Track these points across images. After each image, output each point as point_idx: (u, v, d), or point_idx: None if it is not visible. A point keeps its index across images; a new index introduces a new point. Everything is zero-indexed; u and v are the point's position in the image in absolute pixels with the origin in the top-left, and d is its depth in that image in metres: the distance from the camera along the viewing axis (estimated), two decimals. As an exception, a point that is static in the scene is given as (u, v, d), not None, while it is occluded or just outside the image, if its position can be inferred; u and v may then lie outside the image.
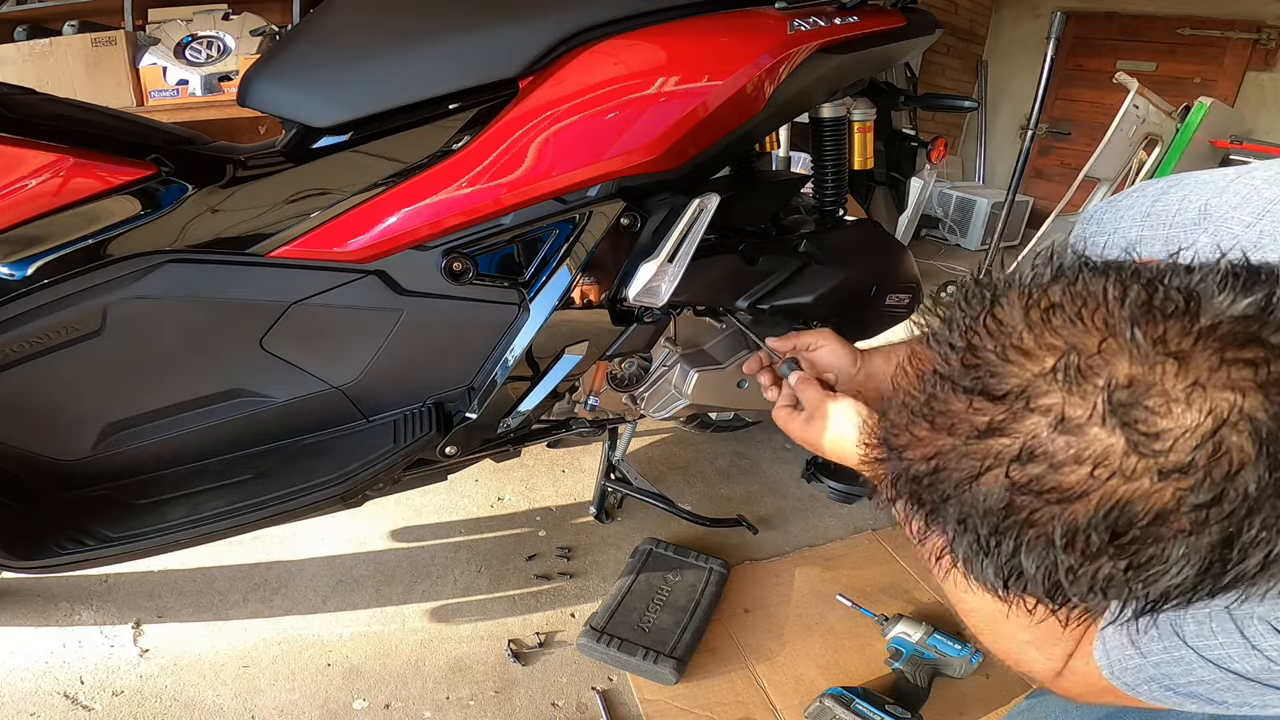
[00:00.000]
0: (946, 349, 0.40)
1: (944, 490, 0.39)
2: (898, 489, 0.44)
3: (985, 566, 0.39)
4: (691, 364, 1.15)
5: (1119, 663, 0.56)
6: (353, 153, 0.86)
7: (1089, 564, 0.35)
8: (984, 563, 0.39)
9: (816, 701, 0.96)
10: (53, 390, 0.84)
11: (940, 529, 0.42)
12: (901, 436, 0.42)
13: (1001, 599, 0.41)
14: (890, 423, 0.44)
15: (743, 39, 0.93)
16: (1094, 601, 0.39)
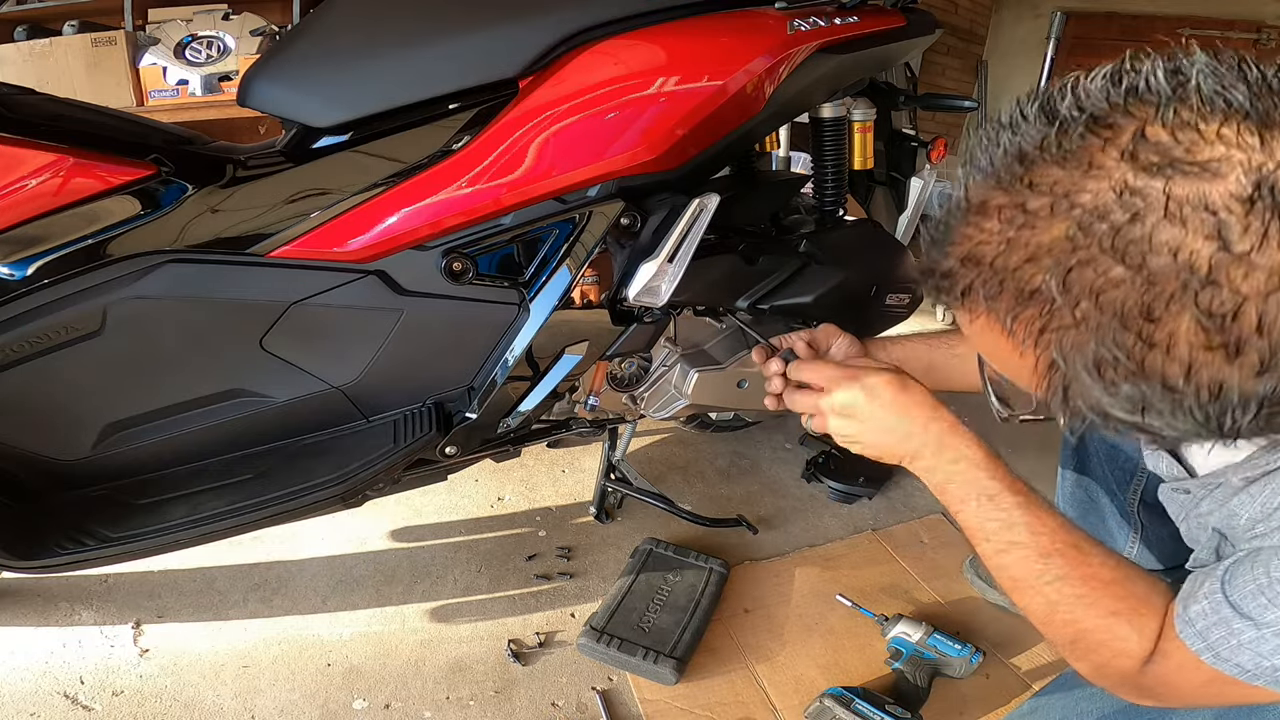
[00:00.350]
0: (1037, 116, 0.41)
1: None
2: (1001, 283, 0.43)
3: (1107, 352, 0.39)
4: (691, 364, 1.15)
5: (1223, 641, 0.52)
6: (353, 153, 0.86)
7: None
8: (1108, 347, 0.39)
9: (816, 701, 0.96)
10: (53, 390, 0.84)
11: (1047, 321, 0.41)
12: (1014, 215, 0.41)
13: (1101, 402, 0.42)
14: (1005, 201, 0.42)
15: (743, 39, 0.93)
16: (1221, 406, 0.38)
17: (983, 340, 0.48)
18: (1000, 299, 0.43)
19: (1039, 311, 0.41)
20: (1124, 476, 0.97)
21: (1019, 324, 0.43)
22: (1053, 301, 0.40)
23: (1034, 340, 0.42)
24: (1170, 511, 0.74)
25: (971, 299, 0.45)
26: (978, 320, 0.46)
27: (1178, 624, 0.55)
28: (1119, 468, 0.97)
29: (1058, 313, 0.41)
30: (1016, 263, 0.42)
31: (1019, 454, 1.67)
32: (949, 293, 0.47)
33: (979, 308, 0.45)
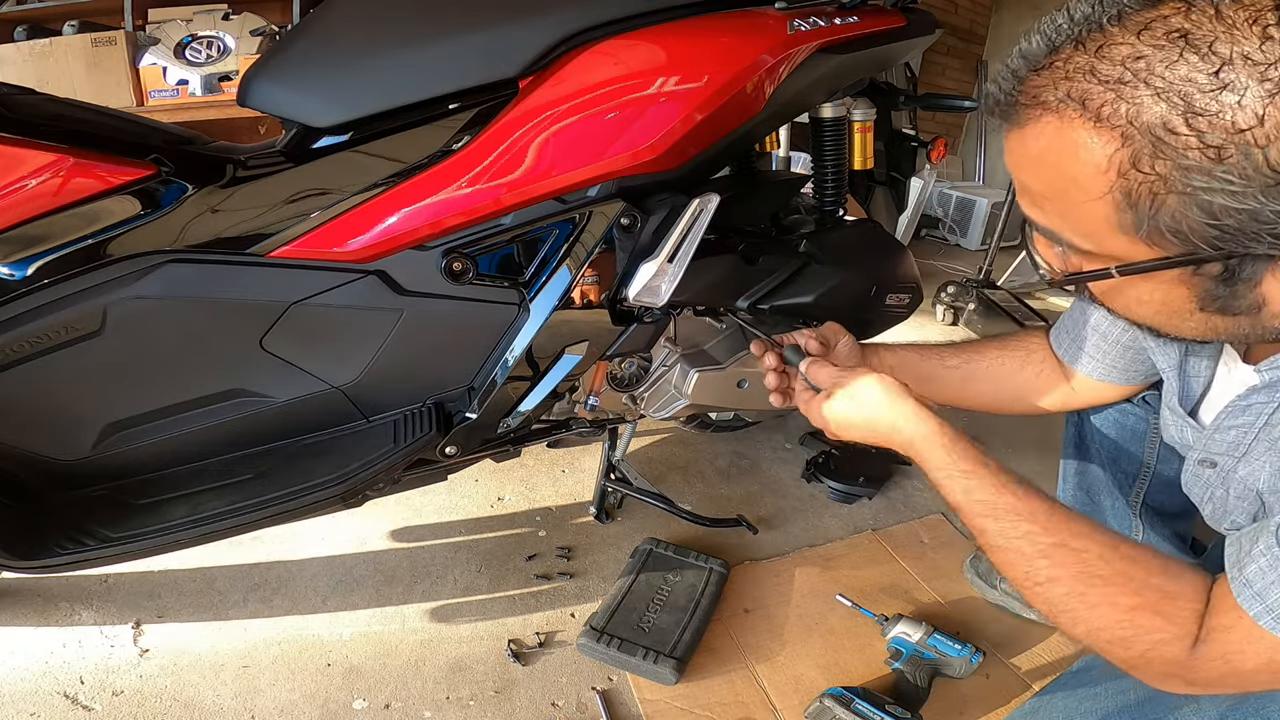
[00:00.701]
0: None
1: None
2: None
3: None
4: (691, 364, 1.15)
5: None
6: (353, 153, 0.86)
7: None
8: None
9: (816, 701, 0.96)
10: (53, 390, 0.84)
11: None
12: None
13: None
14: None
15: (743, 39, 0.93)
16: None
17: (1046, 159, 0.49)
18: (1072, 92, 0.46)
19: (1118, 93, 0.44)
20: (1127, 478, 0.97)
21: (1094, 104, 0.45)
22: (1129, 80, 0.44)
23: (1110, 115, 0.44)
24: (1194, 494, 0.72)
25: (1043, 106, 0.48)
26: (1047, 130, 0.48)
27: (1234, 588, 0.52)
28: (1121, 470, 0.97)
29: (1136, 89, 0.44)
30: (1089, 60, 0.46)
31: (1019, 454, 1.67)
32: (1024, 106, 0.49)
33: (1050, 114, 0.47)
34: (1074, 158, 0.47)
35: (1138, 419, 0.93)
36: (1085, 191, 0.48)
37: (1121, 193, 0.46)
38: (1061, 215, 0.52)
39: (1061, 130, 0.47)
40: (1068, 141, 0.47)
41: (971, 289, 2.51)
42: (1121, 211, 0.47)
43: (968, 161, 4.65)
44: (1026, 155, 0.51)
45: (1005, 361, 0.92)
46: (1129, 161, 0.45)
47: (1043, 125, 0.48)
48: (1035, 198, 0.53)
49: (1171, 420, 0.77)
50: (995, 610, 1.20)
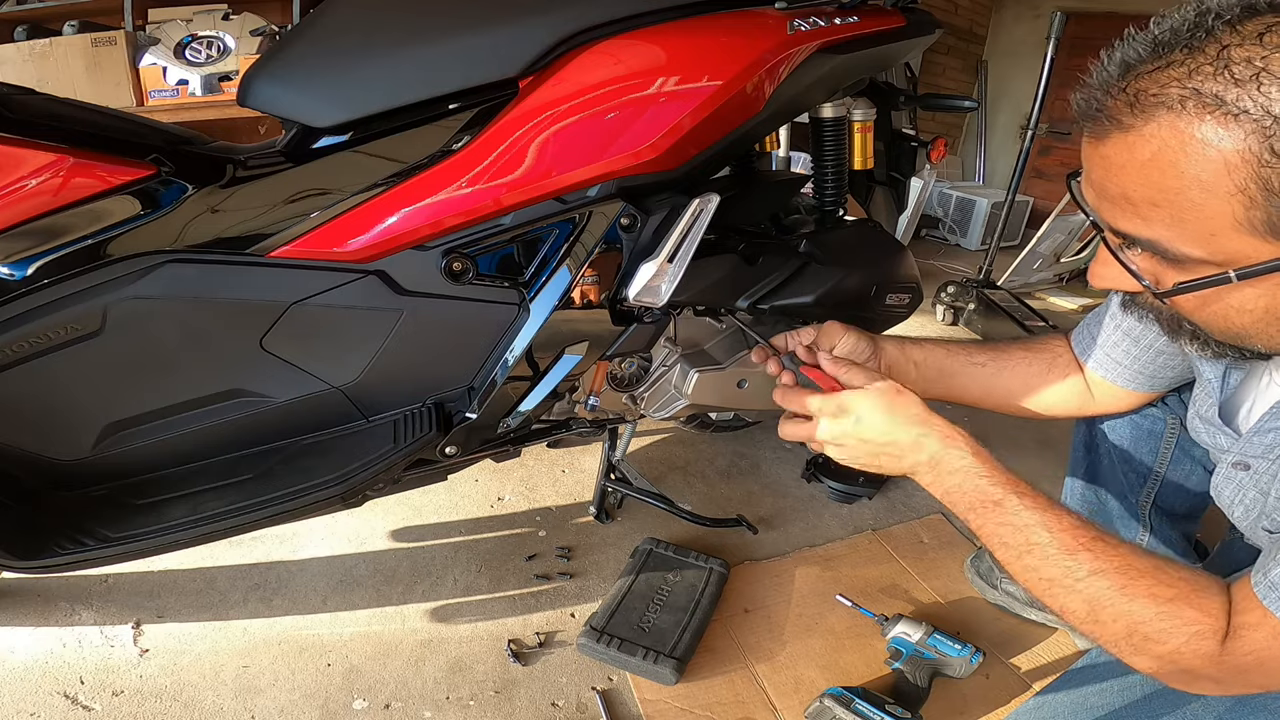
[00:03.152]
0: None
1: None
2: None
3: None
4: (691, 364, 1.15)
5: None
6: (353, 153, 0.86)
7: None
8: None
9: (816, 701, 0.96)
10: (53, 390, 0.84)
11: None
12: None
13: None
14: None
15: (743, 39, 0.93)
16: None
17: (1160, 161, 0.48)
18: (1199, 87, 0.45)
19: (1243, 89, 0.44)
20: (1137, 480, 0.97)
21: (1225, 95, 0.45)
22: (1255, 76, 0.44)
23: (1246, 104, 0.44)
24: (1224, 496, 0.71)
25: (1160, 104, 0.47)
26: (1162, 132, 0.47)
27: (1259, 591, 0.54)
28: (1132, 470, 0.97)
29: (1264, 83, 0.44)
30: (1208, 61, 0.45)
31: (1020, 454, 1.67)
32: (1131, 110, 0.48)
33: (1168, 112, 0.47)
34: (1198, 155, 0.46)
35: (1154, 419, 0.93)
36: (1210, 191, 0.47)
37: (1258, 186, 0.45)
38: (1174, 221, 0.50)
39: (1181, 129, 0.46)
40: (1190, 140, 0.46)
41: (971, 289, 2.51)
42: (1253, 210, 0.46)
43: (968, 161, 4.66)
44: (1133, 161, 0.49)
45: (1032, 363, 0.91)
46: (1269, 151, 0.44)
47: (1158, 125, 0.47)
48: (1139, 207, 0.51)
49: (1204, 428, 0.77)
50: (995, 610, 1.20)
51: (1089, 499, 1.02)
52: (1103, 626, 0.60)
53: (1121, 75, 0.49)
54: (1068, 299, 2.89)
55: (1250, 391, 0.71)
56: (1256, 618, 0.54)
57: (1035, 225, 3.25)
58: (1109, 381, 0.86)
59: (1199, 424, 0.78)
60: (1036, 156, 4.43)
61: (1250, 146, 0.44)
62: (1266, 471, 0.64)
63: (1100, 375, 0.87)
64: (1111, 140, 0.50)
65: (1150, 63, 0.48)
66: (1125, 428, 0.95)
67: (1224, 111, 0.45)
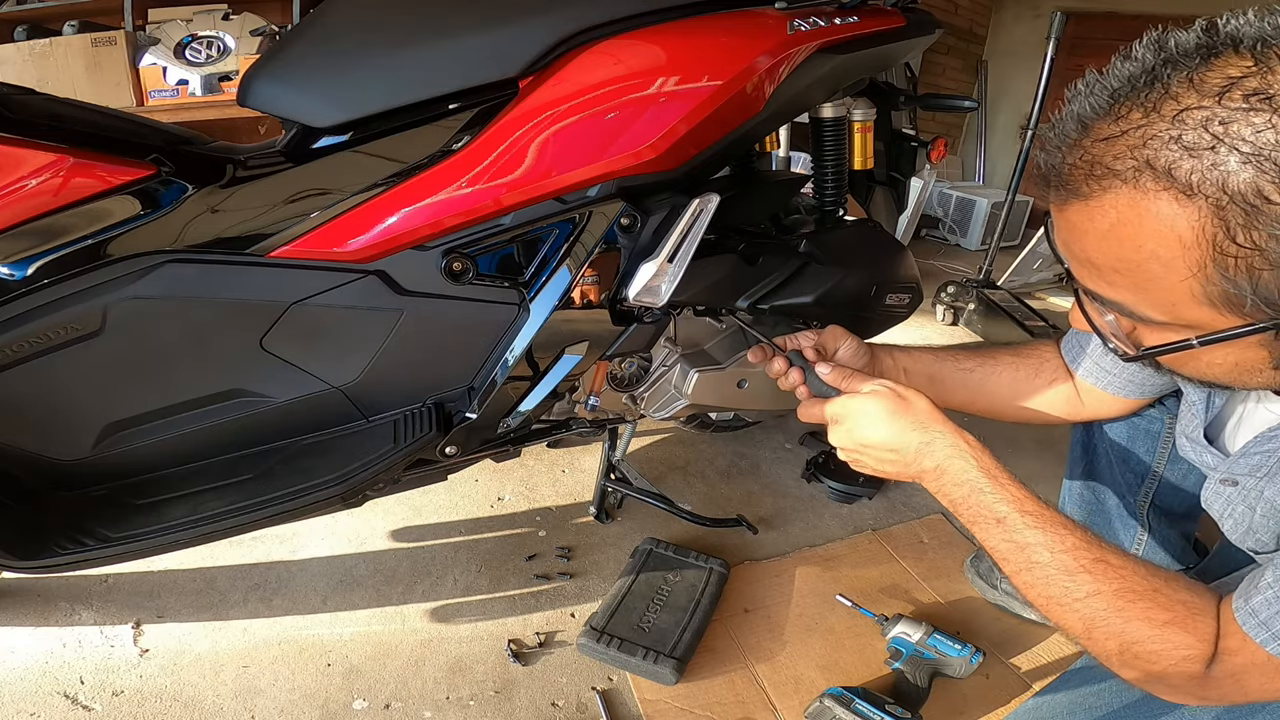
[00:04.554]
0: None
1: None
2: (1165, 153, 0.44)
3: None
4: (691, 364, 1.15)
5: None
6: (353, 153, 0.86)
7: None
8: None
9: (816, 701, 0.96)
10: (53, 390, 0.84)
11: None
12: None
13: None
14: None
15: (743, 39, 0.93)
16: None
17: (1119, 233, 0.46)
18: (1153, 160, 0.44)
19: (1198, 162, 0.42)
20: (1135, 479, 0.97)
21: (1179, 173, 0.43)
22: (1211, 146, 0.42)
23: (1198, 184, 0.42)
24: (1214, 509, 0.72)
25: (1114, 175, 0.45)
26: (1119, 203, 0.45)
27: (1239, 616, 0.55)
28: (1130, 470, 0.97)
29: (1219, 154, 0.41)
30: (1164, 126, 0.43)
31: (1020, 454, 1.67)
32: (1088, 177, 0.47)
33: (1122, 184, 0.45)
34: (1155, 231, 0.45)
35: (1152, 419, 0.93)
36: (1168, 267, 0.45)
37: (1215, 267, 0.44)
38: (1136, 290, 0.49)
39: (1138, 202, 0.45)
40: (1146, 214, 0.44)
41: (971, 289, 2.51)
42: (1210, 286, 0.45)
43: (968, 161, 4.66)
44: (1093, 230, 0.48)
45: (1020, 368, 0.91)
46: (1223, 234, 0.42)
47: (1115, 197, 0.46)
48: (1103, 272, 0.50)
49: (1190, 447, 0.77)
50: (995, 610, 1.20)
51: (1087, 499, 1.02)
52: (1097, 643, 0.61)
53: (1079, 133, 0.47)
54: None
55: (1234, 411, 0.71)
56: (1236, 643, 0.55)
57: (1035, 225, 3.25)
58: (1099, 389, 0.86)
59: (1185, 442, 0.78)
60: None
61: (1205, 226, 0.43)
62: (1254, 489, 0.65)
63: (1090, 382, 0.87)
64: (1070, 205, 0.49)
65: (1106, 121, 0.46)
66: (1123, 428, 0.96)
67: (1178, 189, 0.43)
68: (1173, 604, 0.59)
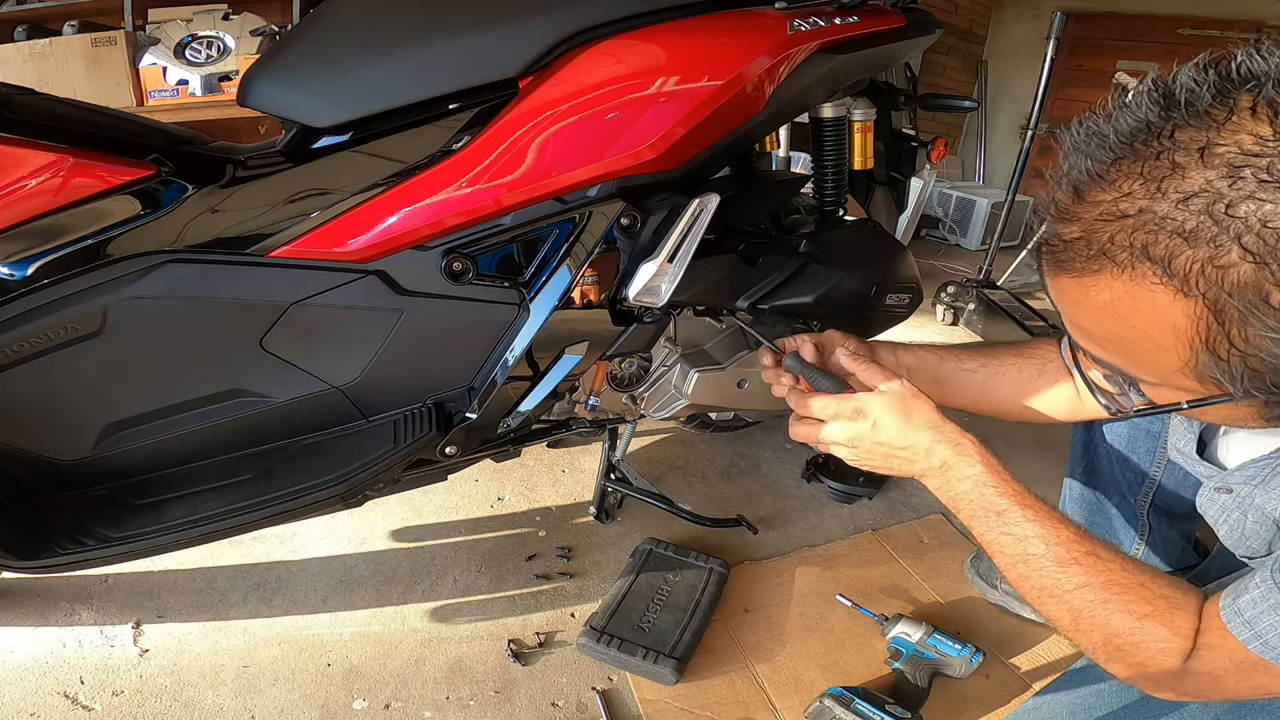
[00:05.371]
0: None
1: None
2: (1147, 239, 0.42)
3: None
4: (691, 364, 1.15)
5: (1272, 629, 0.53)
6: (353, 153, 0.86)
7: None
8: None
9: (816, 701, 0.96)
10: (53, 390, 0.84)
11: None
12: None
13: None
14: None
15: (743, 39, 0.93)
16: None
17: (1113, 311, 0.45)
18: (1150, 248, 0.41)
19: (1197, 253, 0.40)
20: (1135, 480, 0.97)
21: (1176, 266, 0.41)
22: (1213, 237, 0.39)
23: (1196, 280, 0.40)
24: (1209, 515, 0.74)
25: (1109, 259, 0.43)
26: (1114, 285, 0.44)
27: (1224, 615, 0.56)
28: (1130, 470, 0.97)
29: (1221, 248, 0.39)
30: (1166, 209, 0.41)
31: (1020, 454, 1.67)
32: (1082, 256, 0.45)
33: (1118, 269, 0.43)
34: (1149, 316, 0.44)
35: (1152, 419, 0.93)
36: (1161, 349, 0.45)
37: (1208, 357, 0.43)
38: (1128, 359, 0.49)
39: (1134, 288, 0.43)
40: (1141, 301, 0.43)
41: (971, 289, 2.51)
42: (1202, 370, 0.45)
43: (968, 161, 4.66)
44: (1087, 303, 0.47)
45: (1023, 368, 0.91)
46: (1218, 331, 0.42)
47: (1112, 280, 0.44)
48: (1094, 339, 0.50)
49: (1182, 460, 0.78)
50: (995, 610, 1.20)
51: (1087, 499, 1.02)
52: (1083, 635, 0.63)
53: (1075, 202, 0.45)
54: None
55: (1225, 429, 0.72)
56: (1216, 639, 0.57)
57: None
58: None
59: (1177, 455, 0.80)
60: (1036, 156, 4.39)
61: (1201, 322, 0.42)
62: (1247, 496, 0.66)
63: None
64: (1066, 279, 0.48)
65: (1103, 189, 0.43)
66: (1123, 428, 0.96)
67: (1175, 280, 0.41)
68: (1154, 598, 0.60)
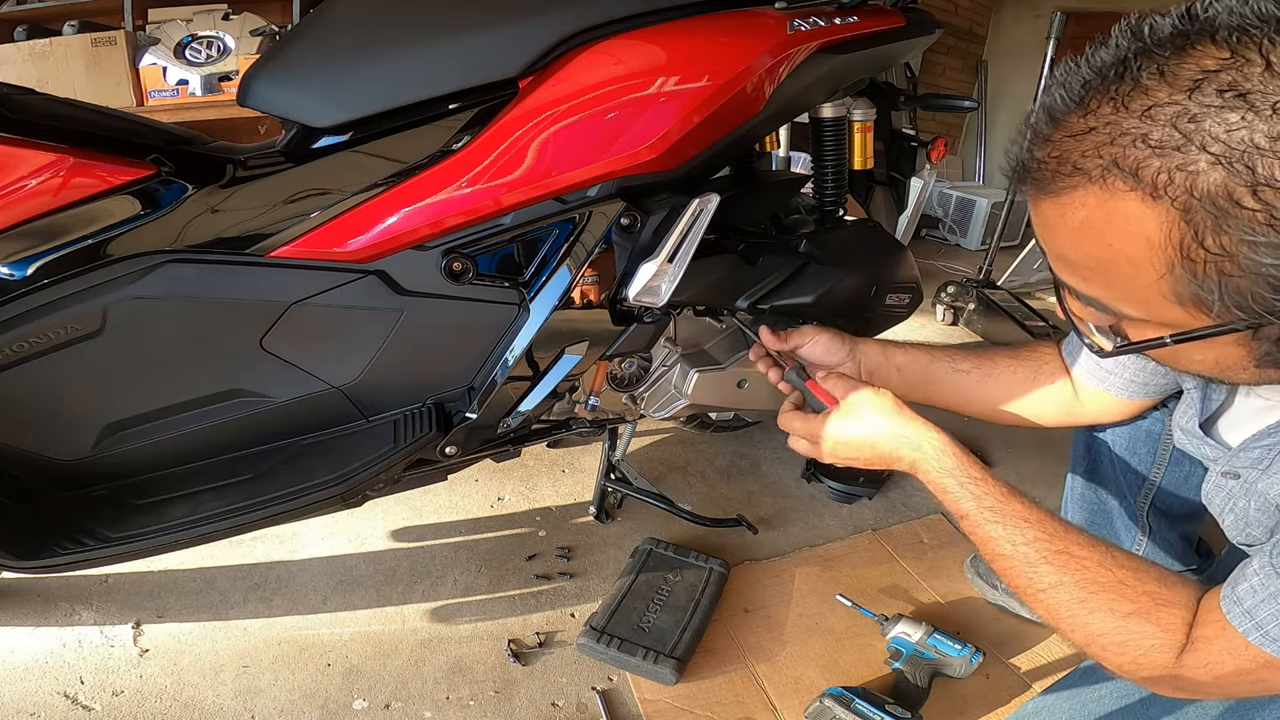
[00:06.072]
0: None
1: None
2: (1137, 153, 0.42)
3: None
4: (691, 364, 1.15)
5: (1273, 618, 0.51)
6: (353, 153, 0.86)
7: None
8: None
9: (816, 701, 0.96)
10: (53, 390, 0.84)
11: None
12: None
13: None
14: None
15: (743, 39, 0.93)
16: None
17: (1089, 229, 0.46)
18: (1120, 160, 0.42)
19: (1165, 162, 0.41)
20: (1136, 481, 0.97)
21: (1145, 174, 0.42)
22: (1180, 146, 0.40)
23: (1165, 187, 0.41)
24: (1215, 504, 0.72)
25: (1081, 173, 0.44)
26: (1088, 200, 0.45)
27: (1224, 604, 0.55)
28: (1131, 471, 0.97)
29: (1189, 156, 0.40)
30: (1133, 123, 0.42)
31: (1020, 454, 1.67)
32: (1057, 175, 0.46)
33: (1090, 183, 0.44)
34: (1123, 231, 0.44)
35: (1154, 420, 0.93)
36: (1137, 267, 0.45)
37: (1184, 269, 0.43)
38: (1108, 286, 0.49)
39: (1107, 202, 0.44)
40: (1115, 214, 0.44)
41: (971, 289, 2.51)
42: (1181, 287, 0.44)
43: (968, 161, 4.66)
44: (1064, 226, 0.47)
45: (1018, 370, 0.90)
46: (1191, 238, 0.42)
47: (1084, 196, 0.45)
48: (1075, 268, 0.50)
49: (1187, 440, 0.77)
50: (995, 610, 1.20)
51: (1088, 498, 1.02)
52: (1066, 634, 0.63)
53: (1050, 127, 0.46)
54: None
55: (1231, 403, 0.71)
56: (1214, 631, 0.55)
57: (1035, 225, 3.24)
58: (1100, 389, 0.86)
59: (1180, 435, 0.78)
60: (1036, 156, 4.41)
61: (1173, 229, 0.42)
62: (1254, 482, 0.65)
63: (1091, 384, 0.86)
64: (1043, 201, 0.48)
65: (1076, 114, 0.45)
66: (1124, 429, 0.95)
67: (1145, 191, 0.42)
68: (1138, 595, 0.59)
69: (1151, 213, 0.42)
